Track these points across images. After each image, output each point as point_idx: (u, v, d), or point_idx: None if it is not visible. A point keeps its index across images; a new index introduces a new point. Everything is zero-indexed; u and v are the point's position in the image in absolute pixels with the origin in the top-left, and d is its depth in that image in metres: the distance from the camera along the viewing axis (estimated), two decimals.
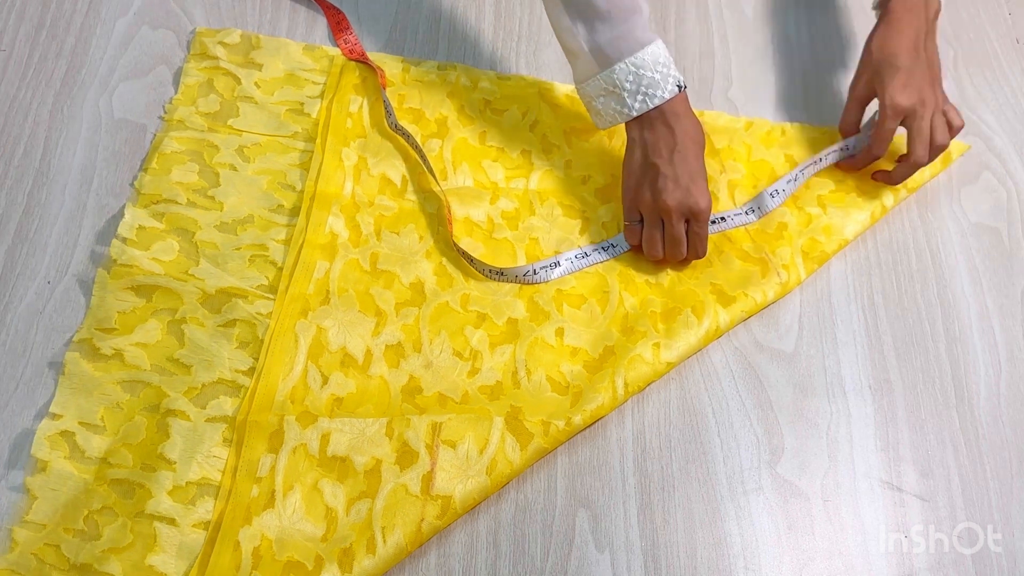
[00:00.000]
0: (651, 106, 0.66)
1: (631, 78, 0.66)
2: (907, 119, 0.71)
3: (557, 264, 0.70)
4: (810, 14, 0.89)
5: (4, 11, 0.80)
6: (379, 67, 0.78)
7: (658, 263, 0.71)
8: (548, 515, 0.62)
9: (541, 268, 0.70)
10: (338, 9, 0.83)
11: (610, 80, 0.67)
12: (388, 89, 0.78)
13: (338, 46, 0.81)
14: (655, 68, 0.66)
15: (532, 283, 0.70)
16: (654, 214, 0.69)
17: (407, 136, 0.73)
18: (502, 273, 0.69)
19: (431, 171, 0.72)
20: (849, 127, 0.76)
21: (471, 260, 0.69)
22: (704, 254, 0.70)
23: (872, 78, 0.72)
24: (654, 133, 0.67)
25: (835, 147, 0.77)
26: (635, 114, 0.67)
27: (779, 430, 0.66)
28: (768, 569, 0.61)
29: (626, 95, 0.66)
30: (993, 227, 0.77)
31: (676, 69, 0.67)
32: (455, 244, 0.70)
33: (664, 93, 0.66)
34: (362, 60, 0.79)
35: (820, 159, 0.76)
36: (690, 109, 0.68)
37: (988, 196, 0.79)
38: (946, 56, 0.87)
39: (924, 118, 0.70)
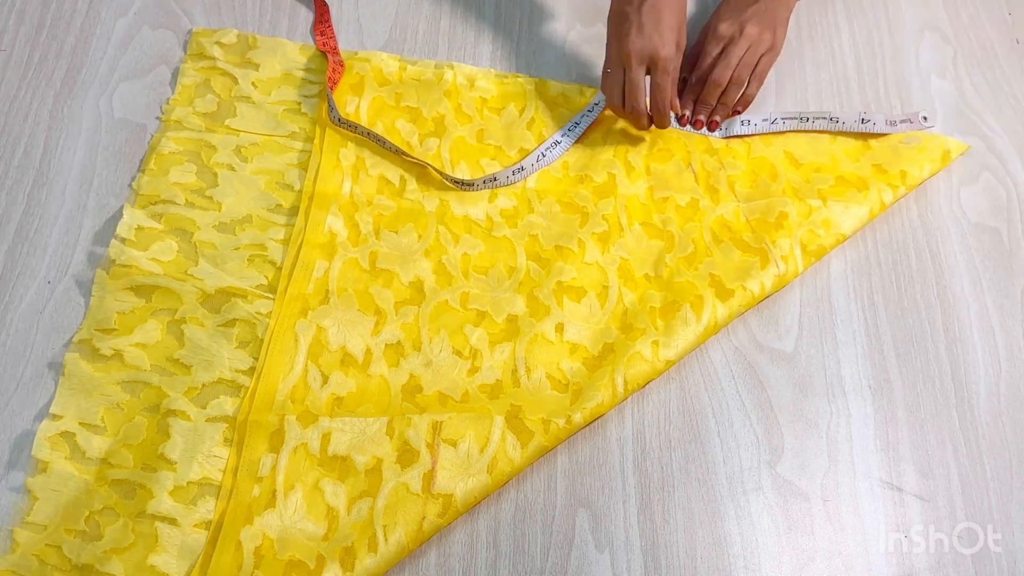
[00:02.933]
0: None
1: None
2: (726, 45, 0.76)
3: (542, 156, 0.75)
4: (809, 14, 0.89)
5: (4, 11, 0.80)
6: (339, 64, 0.78)
7: (622, 117, 0.75)
8: (548, 515, 0.62)
9: (529, 163, 0.74)
10: (324, 2, 0.83)
11: None
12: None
13: (313, 37, 0.81)
14: None
15: (519, 180, 0.74)
16: (618, 61, 0.72)
17: (354, 127, 0.74)
18: (495, 179, 0.73)
19: (398, 150, 0.73)
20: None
21: (461, 183, 0.73)
22: (665, 112, 0.73)
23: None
24: None
25: (824, 114, 0.79)
26: None
27: (779, 430, 0.66)
28: (768, 569, 0.61)
29: None
30: (993, 227, 0.77)
31: None
32: (444, 174, 0.73)
33: None
34: (330, 52, 0.79)
35: (806, 119, 0.78)
36: None
37: (988, 196, 0.79)
38: (946, 56, 0.87)
39: (738, 46, 0.75)
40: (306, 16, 0.83)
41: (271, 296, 0.66)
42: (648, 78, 0.73)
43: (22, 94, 0.76)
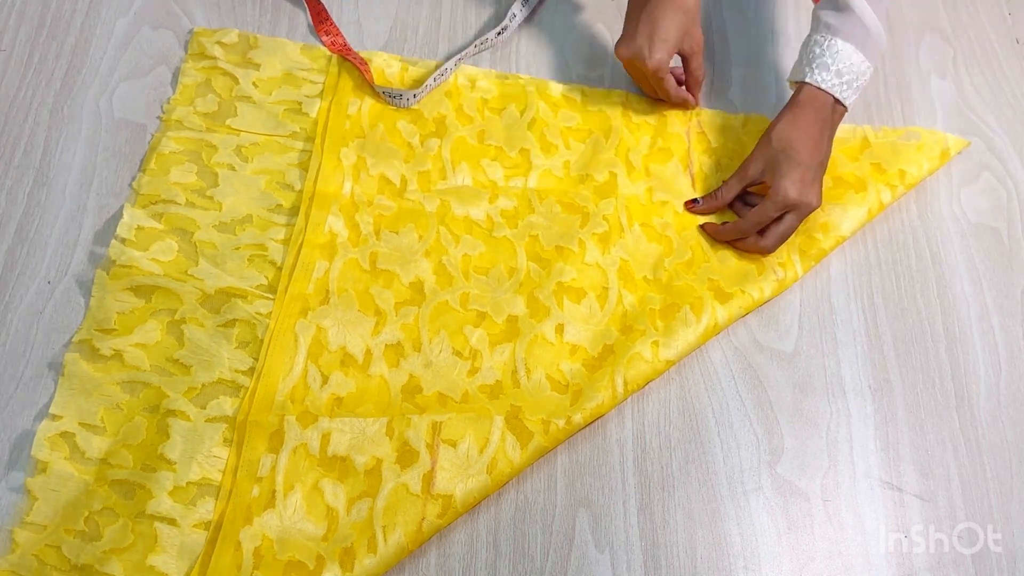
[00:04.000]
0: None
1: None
2: (786, 212, 0.70)
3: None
4: (810, 15, 0.89)
5: (4, 11, 0.80)
6: (361, 63, 0.78)
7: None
8: (548, 515, 0.62)
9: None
10: (319, 2, 0.83)
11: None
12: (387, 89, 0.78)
13: (320, 39, 0.81)
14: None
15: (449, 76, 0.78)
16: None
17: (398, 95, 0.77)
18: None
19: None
20: (726, 202, 0.74)
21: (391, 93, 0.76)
22: (679, 100, 0.78)
23: (769, 164, 0.71)
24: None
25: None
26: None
27: (779, 430, 0.66)
28: (768, 569, 0.61)
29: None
30: (993, 227, 0.77)
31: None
32: (375, 86, 0.77)
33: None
34: (344, 52, 0.79)
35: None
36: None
37: (988, 196, 0.79)
38: (946, 56, 0.87)
39: (798, 218, 0.70)
40: (306, 17, 0.83)
41: (271, 296, 0.66)
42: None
43: (22, 94, 0.76)
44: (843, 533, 0.63)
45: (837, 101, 0.71)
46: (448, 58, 0.81)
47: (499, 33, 0.82)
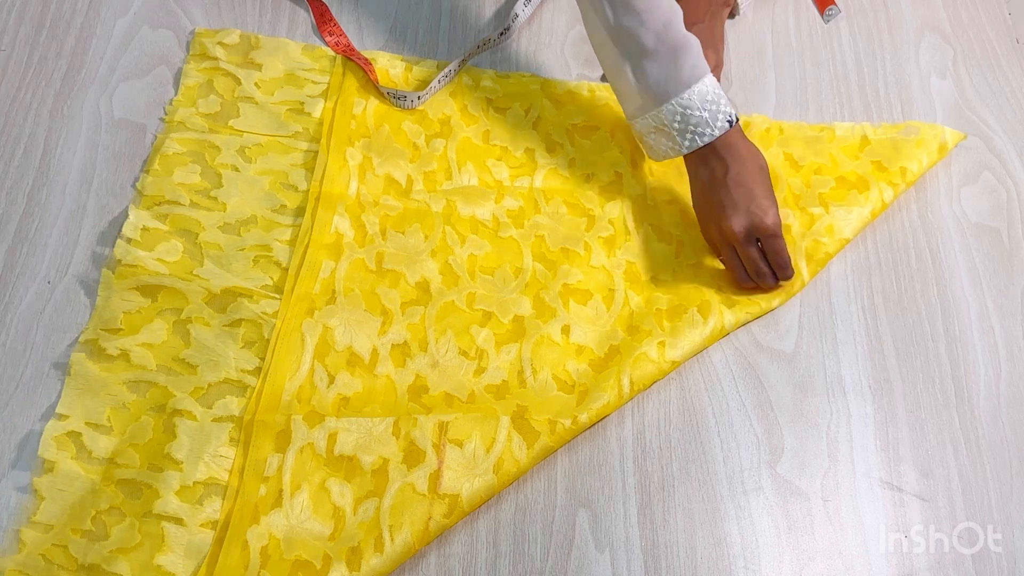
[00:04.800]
0: (701, 144, 0.67)
1: (678, 118, 0.66)
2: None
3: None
4: (810, 14, 0.89)
5: (4, 11, 0.80)
6: (364, 62, 0.78)
7: (753, 290, 0.70)
8: (548, 515, 0.62)
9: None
10: (321, 2, 0.83)
11: (658, 119, 0.67)
12: (392, 90, 0.78)
13: (323, 39, 0.81)
14: (703, 107, 0.66)
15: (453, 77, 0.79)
16: (727, 245, 0.69)
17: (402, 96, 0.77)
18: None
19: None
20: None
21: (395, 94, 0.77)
22: (791, 272, 0.68)
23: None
24: (708, 167, 0.68)
25: None
26: (686, 151, 0.68)
27: (779, 430, 0.66)
28: (768, 569, 0.61)
29: (675, 134, 0.67)
30: (993, 227, 0.77)
31: (727, 103, 0.67)
32: (380, 87, 0.77)
33: (714, 131, 0.66)
34: (348, 53, 0.79)
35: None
36: (744, 137, 0.68)
37: (988, 196, 0.79)
38: (946, 56, 0.87)
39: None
40: (306, 17, 0.83)
41: (277, 296, 0.66)
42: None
43: (22, 94, 0.75)
44: (843, 533, 0.63)
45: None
46: (451, 59, 0.81)
47: (502, 33, 0.82)
